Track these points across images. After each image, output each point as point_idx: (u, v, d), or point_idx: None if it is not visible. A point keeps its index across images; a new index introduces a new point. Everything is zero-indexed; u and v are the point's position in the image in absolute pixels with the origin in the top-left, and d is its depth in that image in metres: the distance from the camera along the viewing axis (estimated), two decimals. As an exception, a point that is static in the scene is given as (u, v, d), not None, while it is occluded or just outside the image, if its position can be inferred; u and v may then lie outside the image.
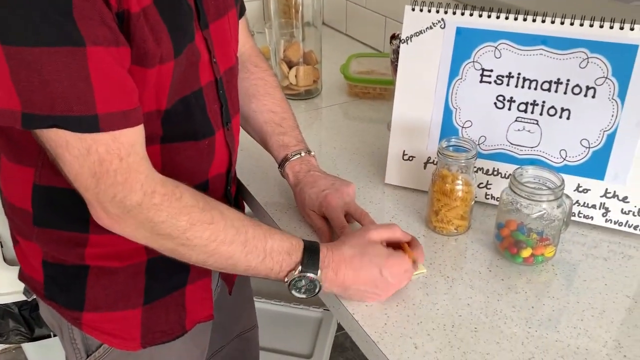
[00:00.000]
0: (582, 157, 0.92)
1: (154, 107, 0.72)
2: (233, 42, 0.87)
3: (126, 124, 0.63)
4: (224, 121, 0.85)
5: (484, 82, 0.94)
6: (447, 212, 0.91)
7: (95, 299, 0.81)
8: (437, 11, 0.94)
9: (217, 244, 0.69)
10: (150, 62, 0.67)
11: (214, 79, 0.81)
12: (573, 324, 0.76)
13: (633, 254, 0.89)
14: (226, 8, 0.83)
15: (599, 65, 0.87)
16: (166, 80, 0.71)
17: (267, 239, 0.73)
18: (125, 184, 0.64)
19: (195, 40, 0.75)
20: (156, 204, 0.66)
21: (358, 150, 1.18)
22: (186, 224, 0.67)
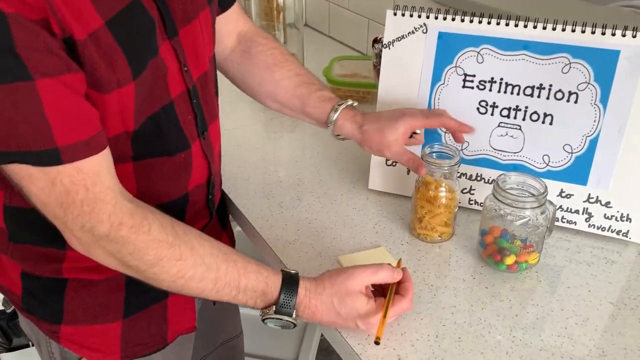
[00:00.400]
0: (565, 162, 0.91)
1: (121, 129, 0.69)
2: (206, 46, 0.82)
3: (89, 152, 0.61)
4: (199, 131, 0.81)
5: (466, 87, 0.93)
6: (431, 219, 0.90)
7: (74, 312, 0.79)
8: (419, 16, 0.93)
9: (186, 281, 0.67)
10: (106, 88, 0.64)
11: (186, 89, 0.77)
12: (557, 332, 0.76)
13: (616, 259, 0.89)
14: (196, 10, 0.78)
15: (581, 70, 0.86)
16: (129, 102, 0.68)
17: (241, 277, 0.70)
18: (92, 214, 0.63)
19: (161, 53, 0.71)
20: (123, 236, 0.64)
21: (341, 156, 1.17)
22: (153, 258, 0.65)
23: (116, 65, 0.64)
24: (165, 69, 0.72)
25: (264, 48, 0.98)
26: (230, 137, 1.23)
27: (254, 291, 0.71)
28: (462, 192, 0.99)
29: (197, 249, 0.68)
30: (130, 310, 0.81)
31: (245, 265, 0.71)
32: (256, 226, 0.96)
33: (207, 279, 0.68)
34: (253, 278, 0.71)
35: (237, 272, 0.70)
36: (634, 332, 0.76)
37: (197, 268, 0.67)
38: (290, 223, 0.97)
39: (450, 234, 0.93)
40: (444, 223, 0.91)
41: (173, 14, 0.73)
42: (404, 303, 0.74)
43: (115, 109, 0.66)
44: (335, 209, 1.01)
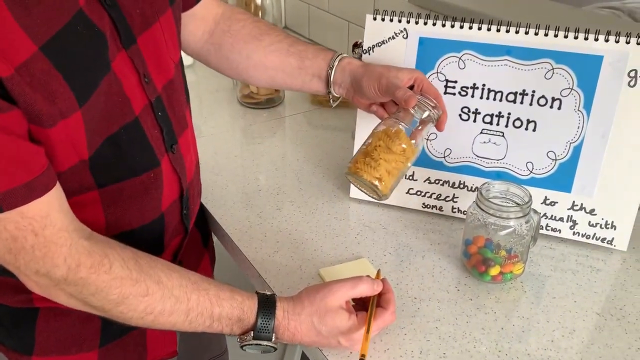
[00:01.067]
0: (549, 169, 0.90)
1: (76, 160, 0.64)
2: (170, 51, 0.75)
3: (32, 196, 0.56)
4: (167, 145, 0.75)
5: (448, 94, 0.91)
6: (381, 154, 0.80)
7: (46, 342, 0.75)
8: (399, 20, 0.91)
9: (155, 316, 0.64)
10: (47, 122, 0.58)
11: (149, 102, 0.71)
12: (544, 345, 0.74)
13: (601, 267, 0.88)
14: (156, 13, 0.71)
15: (564, 76, 0.85)
16: (78, 131, 0.61)
17: (214, 306, 0.66)
18: (46, 259, 0.59)
19: (114, 67, 0.64)
20: (83, 277, 0.60)
21: (322, 162, 1.15)
22: (117, 297, 0.62)
23: (56, 95, 0.57)
24: (119, 84, 0.65)
25: (246, 22, 0.94)
26: (208, 144, 1.20)
27: (229, 319, 0.67)
28: (445, 200, 0.97)
29: (165, 282, 0.64)
30: (106, 339, 0.77)
31: (218, 293, 0.67)
32: (234, 238, 0.93)
33: (178, 312, 0.64)
34: (227, 305, 0.67)
35: (209, 300, 0.66)
36: (621, 344, 0.74)
37: (166, 301, 0.64)
38: (270, 234, 0.94)
39: (388, 188, 0.81)
40: (389, 171, 0.80)
41: (129, 21, 0.67)
42: (387, 316, 0.72)
43: (63, 141, 0.60)
44: (316, 218, 0.98)
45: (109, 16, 0.63)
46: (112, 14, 0.64)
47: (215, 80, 1.52)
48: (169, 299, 0.64)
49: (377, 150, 0.81)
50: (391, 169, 0.81)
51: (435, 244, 0.92)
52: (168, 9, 0.75)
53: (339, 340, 0.70)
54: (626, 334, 0.76)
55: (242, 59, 0.93)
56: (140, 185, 0.72)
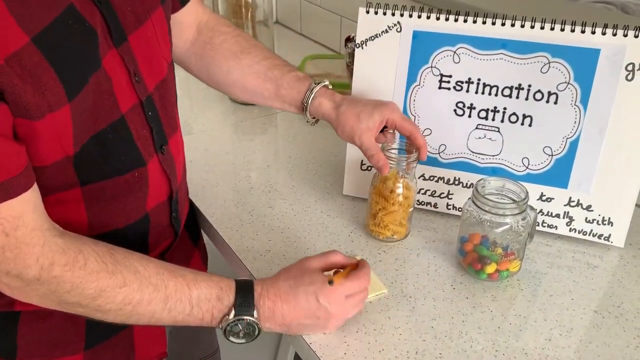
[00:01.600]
0: (545, 165, 0.88)
1: (61, 155, 0.62)
2: (162, 50, 0.75)
3: (6, 196, 0.55)
4: (157, 146, 0.74)
5: (442, 88, 0.90)
6: (384, 217, 0.88)
7: (29, 347, 0.72)
8: (392, 14, 0.89)
9: (134, 306, 0.63)
10: (35, 114, 0.56)
11: (139, 101, 0.70)
12: (541, 344, 0.73)
13: (598, 264, 0.87)
14: (147, 12, 0.71)
15: (560, 70, 0.83)
16: (66, 125, 0.60)
17: (192, 289, 0.65)
18: (18, 260, 0.57)
19: (104, 64, 0.63)
20: (57, 276, 0.59)
21: (314, 159, 1.13)
22: (94, 291, 0.61)
23: (46, 87, 0.56)
24: (109, 82, 0.65)
25: (227, 36, 0.92)
26: (198, 141, 1.18)
27: (208, 300, 0.66)
28: (439, 197, 0.95)
29: (141, 272, 0.63)
30: (92, 341, 0.75)
31: (195, 277, 0.66)
32: (225, 237, 0.91)
33: (157, 300, 0.63)
34: (204, 286, 0.66)
35: (186, 285, 0.65)
36: (619, 342, 0.73)
37: (144, 290, 0.63)
38: (262, 233, 0.92)
39: (404, 234, 0.90)
40: (398, 222, 0.88)
41: (121, 18, 0.66)
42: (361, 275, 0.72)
43: (50, 134, 0.59)
44: (308, 216, 0.96)
45: (100, 13, 0.63)
46: (103, 11, 0.63)
47: (205, 76, 1.50)
48: (146, 288, 0.63)
49: (380, 213, 0.88)
50: (400, 219, 0.88)
51: (430, 241, 0.91)
52: (159, 7, 0.74)
53: (317, 299, 0.69)
54: (624, 331, 0.75)
55: (222, 74, 0.92)
56: (124, 184, 0.70)
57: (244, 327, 0.68)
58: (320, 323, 0.71)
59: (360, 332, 0.74)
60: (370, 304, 0.78)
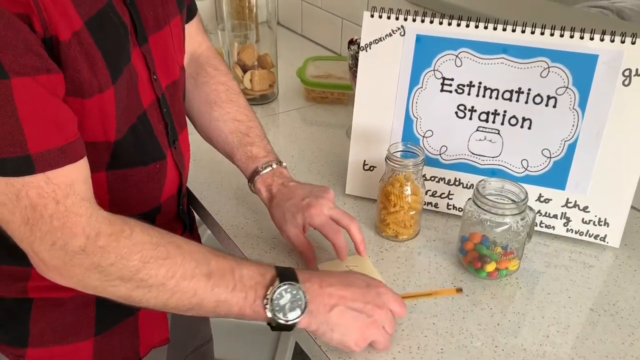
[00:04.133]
0: (544, 167, 0.91)
1: (102, 138, 0.65)
2: (176, 54, 0.80)
3: (64, 160, 0.57)
4: (170, 140, 0.79)
5: (444, 91, 0.92)
6: (387, 216, 0.91)
7: (41, 333, 0.74)
8: (396, 18, 0.91)
9: (177, 280, 0.62)
10: (87, 92, 0.61)
11: (156, 98, 0.75)
12: (539, 340, 0.75)
13: (594, 263, 0.89)
14: (167, 17, 0.76)
15: (559, 74, 0.86)
16: (110, 109, 0.64)
17: (234, 268, 0.65)
18: (64, 229, 0.57)
19: (132, 59, 0.69)
20: (102, 246, 0.59)
21: (317, 159, 1.15)
22: (138, 263, 0.60)
23: (97, 68, 0.61)
24: (136, 75, 0.70)
25: (210, 80, 0.93)
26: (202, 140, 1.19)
27: (251, 277, 0.65)
28: (440, 197, 0.98)
29: (184, 247, 0.64)
30: (101, 327, 0.77)
31: (236, 259, 0.67)
32: (230, 234, 0.93)
33: (199, 275, 0.63)
34: (246, 265, 0.66)
35: (228, 264, 0.65)
36: (615, 339, 0.76)
37: (187, 264, 0.62)
38: (266, 231, 0.94)
39: (409, 235, 0.92)
40: (402, 223, 0.90)
41: (143, 20, 0.71)
42: None
43: (96, 115, 0.63)
44: (312, 215, 0.98)
45: (129, 13, 0.68)
46: (132, 12, 0.68)
47: (208, 76, 1.52)
48: (189, 262, 0.63)
49: (383, 212, 0.91)
50: (403, 220, 0.90)
51: (431, 240, 0.93)
52: (177, 15, 0.79)
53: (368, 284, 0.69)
54: (619, 329, 0.77)
55: (194, 110, 0.94)
56: (146, 174, 0.74)
57: (291, 297, 0.64)
58: (368, 312, 0.67)
59: (364, 327, 0.76)
60: (373, 301, 0.80)
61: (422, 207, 0.92)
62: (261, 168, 0.88)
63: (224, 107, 0.92)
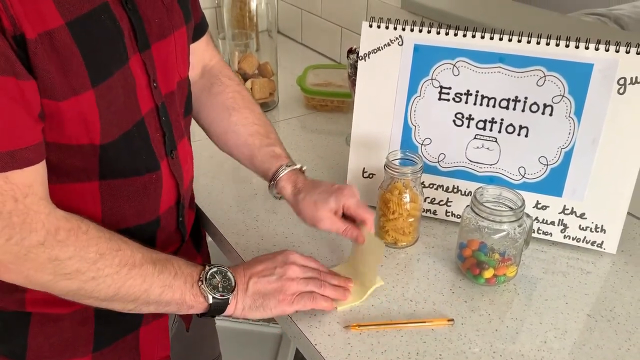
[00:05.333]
0: (541, 174, 0.92)
1: (87, 141, 0.66)
2: (178, 66, 0.79)
3: (13, 165, 0.57)
4: (167, 150, 0.78)
5: (442, 100, 0.93)
6: (386, 223, 0.91)
7: (39, 348, 0.74)
8: (394, 28, 0.92)
9: (129, 268, 0.67)
10: (59, 95, 0.60)
11: (155, 106, 0.74)
12: (537, 346, 0.76)
13: (591, 270, 0.90)
14: (172, 28, 0.76)
15: (555, 83, 0.87)
16: (91, 111, 0.64)
17: (172, 259, 0.72)
18: (24, 225, 0.59)
19: (130, 65, 0.68)
20: (61, 240, 0.62)
21: (317, 166, 1.16)
22: (95, 255, 0.64)
23: (71, 70, 0.60)
24: (133, 82, 0.69)
25: (225, 89, 0.95)
26: (203, 148, 1.20)
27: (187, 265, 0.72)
28: (439, 204, 0.99)
29: (129, 242, 0.69)
30: (100, 344, 0.77)
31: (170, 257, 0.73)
32: (231, 242, 0.94)
33: (147, 264, 0.68)
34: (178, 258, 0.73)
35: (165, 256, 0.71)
36: (612, 345, 0.76)
37: (136, 255, 0.68)
38: (267, 238, 0.95)
39: (407, 242, 0.93)
40: (401, 230, 0.91)
41: (147, 27, 0.70)
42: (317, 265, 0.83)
43: (75, 118, 0.63)
44: (312, 222, 0.99)
45: (128, 18, 0.67)
46: (131, 17, 0.67)
47: (209, 84, 1.53)
48: (137, 253, 0.68)
49: (382, 219, 0.93)
50: (402, 227, 0.91)
51: (430, 247, 0.94)
52: (183, 27, 0.78)
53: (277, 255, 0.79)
54: (616, 334, 0.78)
55: (210, 120, 0.95)
56: (141, 185, 0.74)
57: (222, 276, 0.74)
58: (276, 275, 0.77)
59: (364, 334, 0.77)
60: (373, 307, 0.81)
61: (420, 214, 0.93)
62: (286, 166, 0.89)
63: (242, 112, 0.93)
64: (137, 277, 0.67)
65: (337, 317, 0.79)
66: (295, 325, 0.78)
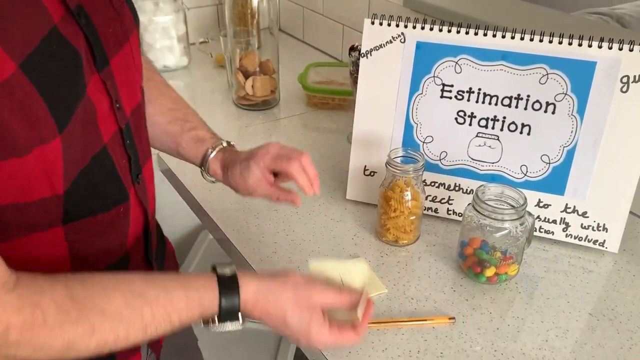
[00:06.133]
0: (543, 172, 0.91)
1: (49, 193, 0.56)
2: (137, 73, 0.69)
3: None
4: (134, 175, 0.67)
5: (444, 98, 0.93)
6: (387, 221, 0.91)
7: None
8: (396, 25, 0.92)
9: (111, 346, 0.56)
10: (23, 149, 0.50)
11: (118, 129, 0.63)
12: (538, 345, 0.76)
13: (593, 269, 0.90)
14: (126, 33, 0.65)
15: (558, 81, 0.86)
16: (56, 160, 0.54)
17: (172, 313, 0.59)
18: None
19: (88, 91, 0.57)
20: (16, 340, 0.51)
21: (318, 164, 1.14)
22: (63, 347, 0.53)
23: (37, 117, 0.50)
24: (93, 110, 0.58)
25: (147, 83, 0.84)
26: (204, 146, 1.20)
27: (192, 318, 0.61)
28: (440, 202, 0.98)
29: (108, 310, 0.56)
30: None
31: (170, 297, 0.59)
32: (232, 239, 0.94)
33: (135, 333, 0.57)
34: (184, 307, 0.60)
35: (163, 309, 0.58)
36: (613, 344, 0.76)
37: (118, 330, 0.56)
38: (267, 236, 0.95)
39: (410, 240, 0.93)
40: (402, 228, 0.91)
41: (103, 41, 0.60)
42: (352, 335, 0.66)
43: (37, 170, 0.53)
44: (313, 220, 0.99)
45: (84, 35, 0.57)
46: (86, 33, 0.57)
47: (210, 81, 1.53)
48: (119, 326, 0.56)
49: (383, 217, 0.92)
50: (403, 225, 0.91)
51: (431, 245, 0.94)
52: (135, 29, 0.69)
53: (299, 339, 0.65)
54: (618, 333, 0.78)
55: None
56: (108, 221, 0.64)
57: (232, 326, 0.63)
58: None
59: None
60: (375, 306, 0.81)
61: (422, 212, 0.92)
62: (212, 149, 0.83)
63: (157, 100, 0.85)
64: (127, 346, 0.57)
65: (338, 315, 0.79)
66: (295, 323, 0.78)
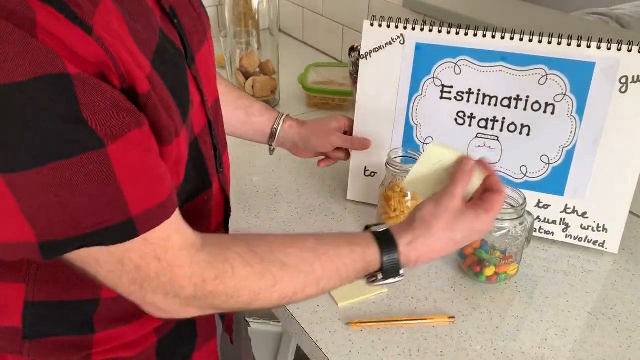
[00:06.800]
0: (542, 173, 0.92)
1: (176, 183, 0.61)
2: (215, 69, 0.75)
3: (165, 215, 0.54)
4: (218, 165, 0.72)
5: (444, 99, 0.93)
6: (387, 220, 0.91)
7: None
8: (396, 26, 0.92)
9: (290, 298, 0.63)
10: (167, 139, 0.55)
11: (207, 121, 0.68)
12: (538, 343, 0.76)
13: (592, 268, 0.90)
14: (205, 30, 0.70)
15: (557, 82, 0.87)
16: (184, 150, 0.60)
17: (339, 267, 0.64)
18: (173, 283, 0.56)
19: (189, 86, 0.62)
20: (212, 291, 0.58)
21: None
22: (249, 297, 0.60)
23: (171, 110, 0.55)
24: (192, 104, 0.63)
25: None
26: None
27: (356, 272, 0.66)
28: (440, 202, 0.99)
29: (288, 263, 0.62)
30: None
31: (338, 252, 0.65)
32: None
33: (310, 285, 0.63)
34: (350, 262, 0.65)
35: (332, 263, 0.64)
36: (612, 342, 0.77)
37: (297, 282, 0.62)
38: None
39: None
40: None
41: (189, 37, 0.64)
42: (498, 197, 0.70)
43: (172, 161, 0.58)
44: (313, 219, 0.99)
45: (178, 34, 0.61)
46: (179, 32, 0.62)
47: (210, 82, 1.53)
48: (297, 279, 0.62)
49: (383, 217, 0.93)
50: None
51: (431, 245, 0.94)
52: (210, 28, 0.74)
53: (473, 238, 0.70)
54: (617, 332, 0.78)
55: None
56: (192, 210, 0.68)
57: None
58: None
59: (365, 330, 0.77)
60: (374, 304, 0.81)
61: None
62: (282, 113, 0.98)
63: (221, 82, 0.92)
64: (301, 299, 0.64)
65: (338, 314, 0.80)
66: (297, 322, 0.78)
